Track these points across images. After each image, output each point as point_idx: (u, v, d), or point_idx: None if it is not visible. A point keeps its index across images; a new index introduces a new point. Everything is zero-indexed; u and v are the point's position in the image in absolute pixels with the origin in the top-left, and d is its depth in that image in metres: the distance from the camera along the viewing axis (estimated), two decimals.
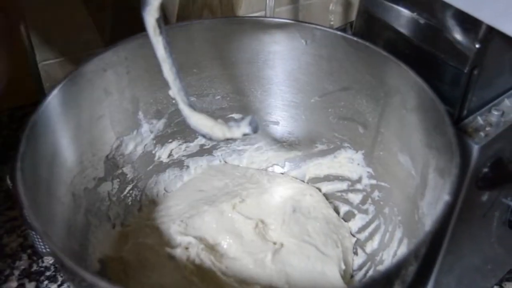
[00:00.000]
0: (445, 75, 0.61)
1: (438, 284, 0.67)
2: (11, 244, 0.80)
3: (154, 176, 0.74)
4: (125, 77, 0.67)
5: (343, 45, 0.67)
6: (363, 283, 0.56)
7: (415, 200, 0.60)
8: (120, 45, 0.65)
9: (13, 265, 0.77)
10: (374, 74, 0.65)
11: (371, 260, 0.68)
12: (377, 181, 0.69)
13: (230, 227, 0.69)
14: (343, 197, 0.75)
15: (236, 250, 0.67)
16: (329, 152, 0.75)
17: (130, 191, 0.72)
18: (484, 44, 0.57)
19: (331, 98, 0.71)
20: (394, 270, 0.47)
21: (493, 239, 0.70)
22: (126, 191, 0.71)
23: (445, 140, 0.54)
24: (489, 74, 0.60)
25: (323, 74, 0.70)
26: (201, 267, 0.65)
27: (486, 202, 0.64)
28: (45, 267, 0.77)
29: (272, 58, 0.72)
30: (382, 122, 0.66)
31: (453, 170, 0.50)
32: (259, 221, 0.69)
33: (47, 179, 0.56)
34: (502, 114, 0.61)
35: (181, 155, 0.76)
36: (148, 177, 0.74)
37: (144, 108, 0.70)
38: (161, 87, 0.69)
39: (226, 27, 0.70)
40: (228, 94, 0.74)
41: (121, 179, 0.70)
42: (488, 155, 0.60)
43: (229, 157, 0.79)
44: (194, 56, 0.70)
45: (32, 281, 0.75)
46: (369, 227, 0.70)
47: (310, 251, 0.67)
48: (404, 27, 0.64)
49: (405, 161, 0.63)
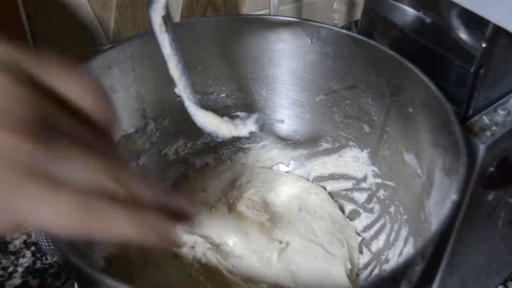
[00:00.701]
0: (451, 75, 0.61)
1: (444, 284, 0.67)
2: (15, 241, 0.80)
3: (159, 174, 0.74)
4: (131, 75, 0.66)
5: (348, 44, 0.67)
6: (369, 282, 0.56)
7: (421, 199, 0.60)
8: (126, 42, 0.65)
9: (17, 262, 0.77)
10: (380, 72, 0.65)
11: (376, 259, 0.67)
12: (383, 180, 0.69)
13: (236, 226, 0.69)
14: (348, 196, 0.74)
15: (241, 249, 0.67)
16: (334, 150, 0.75)
17: None
18: (490, 44, 0.57)
19: (336, 97, 0.71)
20: (401, 270, 0.47)
21: (498, 239, 0.70)
22: None
23: (451, 139, 0.53)
24: (495, 73, 0.60)
25: (328, 72, 0.70)
26: (207, 265, 0.65)
27: (492, 201, 0.64)
28: (49, 264, 0.77)
29: (277, 56, 0.72)
30: (387, 121, 0.66)
31: (461, 169, 0.50)
32: (265, 220, 0.69)
33: None
34: (508, 114, 0.61)
35: (187, 152, 0.76)
36: (154, 175, 0.74)
37: (150, 105, 0.70)
38: (167, 84, 0.68)
39: (231, 25, 0.70)
40: (233, 92, 0.74)
41: None
42: (494, 154, 0.60)
43: (234, 155, 0.79)
44: (199, 54, 0.70)
45: (36, 278, 0.75)
46: (374, 226, 0.70)
47: (316, 251, 0.67)
48: (410, 26, 0.64)
49: (411, 160, 0.63)
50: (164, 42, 0.52)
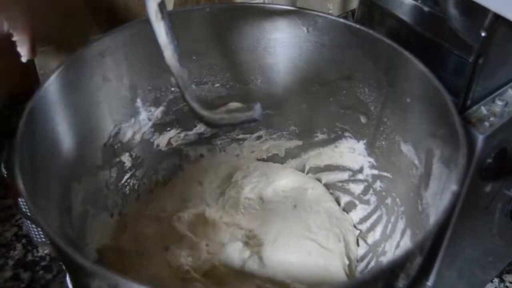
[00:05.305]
0: (449, 64, 0.61)
1: (440, 276, 0.66)
2: (6, 233, 0.79)
3: (152, 164, 0.73)
4: (124, 64, 0.65)
5: (345, 33, 0.66)
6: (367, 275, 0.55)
7: (418, 190, 0.59)
8: (119, 31, 0.64)
9: (8, 254, 0.76)
10: (377, 62, 0.64)
11: (373, 251, 0.67)
12: (379, 171, 0.69)
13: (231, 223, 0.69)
14: (344, 188, 0.74)
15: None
16: (329, 141, 0.74)
17: (128, 180, 0.71)
18: (490, 33, 0.56)
19: (332, 87, 0.70)
20: (400, 262, 0.47)
21: (494, 231, 0.70)
22: (124, 179, 0.70)
23: (450, 130, 0.53)
24: (494, 63, 0.60)
25: (324, 62, 0.69)
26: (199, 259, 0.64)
27: (489, 193, 0.63)
28: (40, 257, 0.76)
29: (272, 45, 0.71)
30: (385, 112, 0.66)
31: (460, 160, 0.50)
32: (248, 232, 0.69)
33: (45, 166, 0.55)
34: (506, 104, 0.61)
35: (180, 143, 0.75)
36: (146, 166, 0.73)
37: (143, 95, 0.69)
38: (160, 74, 0.68)
39: (226, 14, 0.69)
40: (228, 82, 0.73)
41: (119, 167, 0.69)
42: (492, 145, 0.59)
43: (229, 146, 0.78)
44: (193, 43, 0.69)
45: (27, 271, 0.74)
46: (370, 217, 0.70)
47: (311, 247, 0.66)
48: (408, 15, 0.64)
49: (408, 151, 0.62)
50: (159, 30, 0.51)
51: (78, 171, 0.62)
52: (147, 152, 0.72)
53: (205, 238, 0.66)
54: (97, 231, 0.65)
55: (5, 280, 0.73)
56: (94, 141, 0.65)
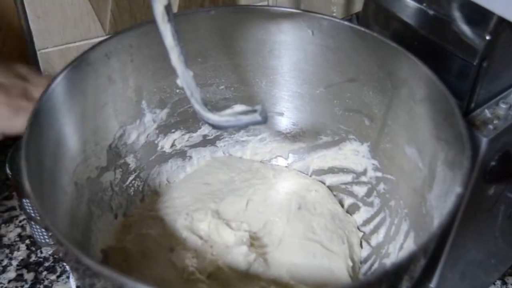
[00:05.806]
0: (453, 67, 0.61)
1: (443, 278, 0.66)
2: (9, 234, 0.79)
3: (157, 166, 0.74)
4: (129, 65, 0.66)
5: (350, 36, 0.66)
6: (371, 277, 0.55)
7: (422, 193, 0.59)
8: (125, 32, 0.64)
9: (11, 255, 0.76)
10: (382, 65, 0.65)
11: (376, 253, 0.67)
12: (383, 173, 0.69)
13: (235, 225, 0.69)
14: (348, 190, 0.74)
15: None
16: (334, 144, 0.74)
17: (132, 181, 0.71)
18: (494, 36, 0.56)
19: (337, 89, 0.70)
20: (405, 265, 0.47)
21: (497, 234, 0.70)
22: (128, 181, 0.70)
23: (455, 133, 0.53)
24: (498, 66, 0.60)
25: (329, 64, 0.69)
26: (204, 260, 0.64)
27: (492, 196, 0.64)
28: (43, 258, 0.76)
29: (277, 48, 0.71)
30: (389, 114, 0.66)
31: (465, 163, 0.50)
32: (252, 233, 0.69)
33: (51, 167, 0.55)
34: (509, 107, 0.61)
35: (184, 145, 0.75)
36: (151, 167, 0.73)
37: (148, 97, 0.69)
38: (165, 76, 0.68)
39: (231, 16, 0.69)
40: (232, 84, 0.73)
41: (123, 169, 0.69)
42: (496, 148, 0.59)
43: (232, 148, 0.78)
44: (198, 45, 0.69)
45: (30, 271, 0.75)
46: (374, 220, 0.70)
47: (315, 249, 0.66)
48: (412, 18, 0.64)
49: (412, 154, 0.62)
50: (166, 32, 0.51)
51: (83, 172, 0.62)
52: (151, 154, 0.73)
53: (210, 239, 0.66)
54: (101, 232, 0.65)
55: (8, 280, 0.73)
56: (99, 142, 0.65)
